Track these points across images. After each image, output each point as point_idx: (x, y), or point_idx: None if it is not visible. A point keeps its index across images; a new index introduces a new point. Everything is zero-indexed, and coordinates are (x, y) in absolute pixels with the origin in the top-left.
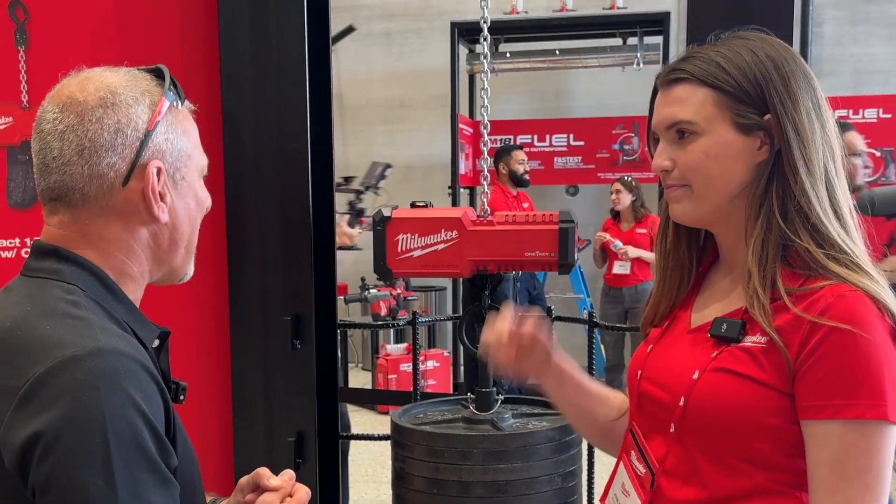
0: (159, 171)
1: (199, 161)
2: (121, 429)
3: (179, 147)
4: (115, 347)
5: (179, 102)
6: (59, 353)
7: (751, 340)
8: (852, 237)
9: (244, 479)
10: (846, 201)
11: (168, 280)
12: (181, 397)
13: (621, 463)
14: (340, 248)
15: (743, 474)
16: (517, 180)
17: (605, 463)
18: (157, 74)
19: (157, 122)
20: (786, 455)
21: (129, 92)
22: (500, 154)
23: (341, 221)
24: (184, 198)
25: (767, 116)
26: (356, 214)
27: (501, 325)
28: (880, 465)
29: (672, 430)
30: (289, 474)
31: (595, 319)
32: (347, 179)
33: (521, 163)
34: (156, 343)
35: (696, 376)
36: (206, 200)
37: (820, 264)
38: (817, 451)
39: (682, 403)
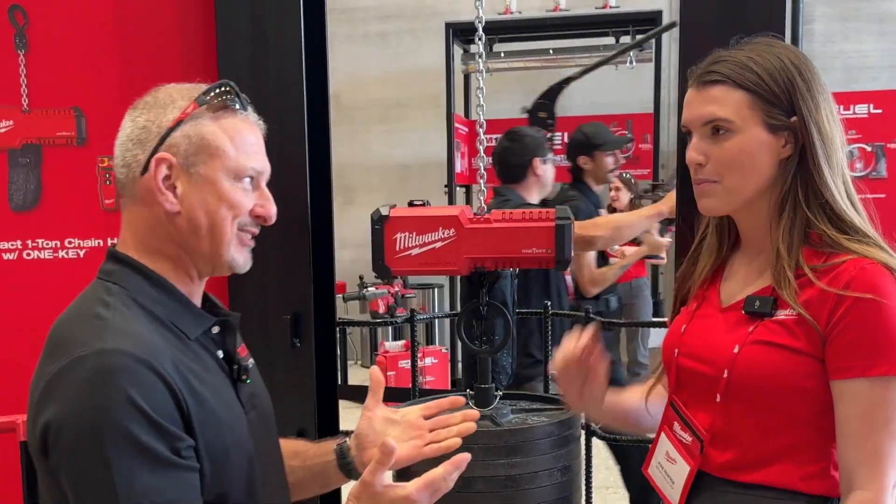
0: (163, 161)
1: (231, 163)
2: (114, 421)
3: (202, 144)
4: (118, 348)
5: (241, 108)
6: (73, 352)
7: (783, 314)
8: (867, 223)
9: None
10: (855, 191)
11: (216, 270)
12: (244, 377)
13: (662, 434)
14: (648, 258)
15: (780, 433)
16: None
17: (603, 457)
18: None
19: (179, 121)
20: (816, 413)
21: (169, 97)
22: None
23: (652, 230)
24: (199, 190)
25: (794, 118)
26: (665, 223)
27: (570, 348)
28: None
29: (718, 399)
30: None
31: (591, 316)
32: (655, 186)
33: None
34: (216, 329)
35: (736, 350)
36: (239, 204)
37: (841, 245)
38: (848, 407)
39: (725, 375)
